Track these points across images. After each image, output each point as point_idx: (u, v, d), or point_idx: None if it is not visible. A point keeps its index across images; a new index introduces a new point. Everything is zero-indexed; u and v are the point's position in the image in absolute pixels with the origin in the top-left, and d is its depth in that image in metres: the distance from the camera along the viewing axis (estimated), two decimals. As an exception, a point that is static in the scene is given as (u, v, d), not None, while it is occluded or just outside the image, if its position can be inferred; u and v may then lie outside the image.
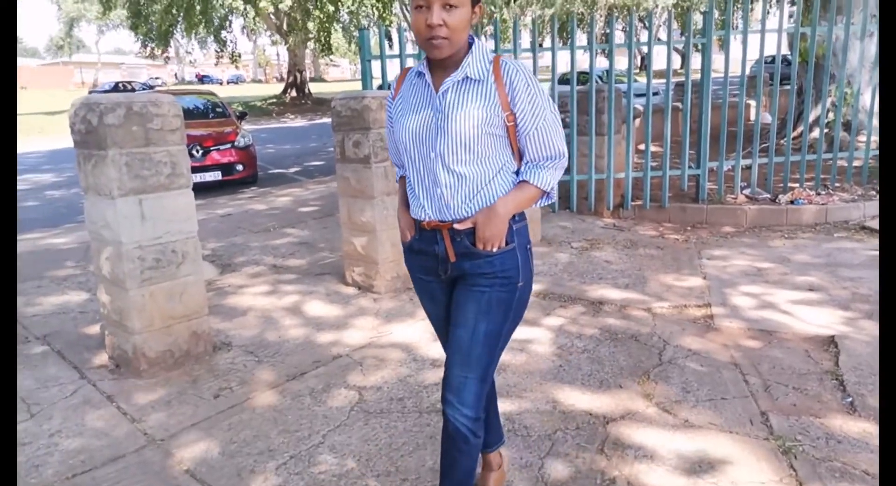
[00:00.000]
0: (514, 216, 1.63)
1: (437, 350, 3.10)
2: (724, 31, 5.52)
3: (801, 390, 2.71)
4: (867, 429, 2.39)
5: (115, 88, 32.07)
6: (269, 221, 6.31)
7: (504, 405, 2.62)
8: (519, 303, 1.68)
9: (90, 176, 2.85)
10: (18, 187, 9.74)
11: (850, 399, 2.61)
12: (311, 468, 2.23)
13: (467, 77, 1.56)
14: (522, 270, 1.65)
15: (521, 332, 3.38)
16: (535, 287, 4.04)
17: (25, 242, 5.63)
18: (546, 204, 1.75)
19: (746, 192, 5.93)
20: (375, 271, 4.03)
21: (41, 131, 21.07)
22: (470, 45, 1.58)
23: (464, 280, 1.65)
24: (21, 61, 67.17)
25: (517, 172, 1.66)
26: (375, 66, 5.93)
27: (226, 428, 2.50)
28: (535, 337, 3.32)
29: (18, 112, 25.98)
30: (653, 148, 6.71)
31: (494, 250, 1.60)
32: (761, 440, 2.34)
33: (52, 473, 2.23)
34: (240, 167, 8.61)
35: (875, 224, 5.21)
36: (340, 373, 2.96)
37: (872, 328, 3.25)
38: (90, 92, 33.28)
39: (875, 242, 4.83)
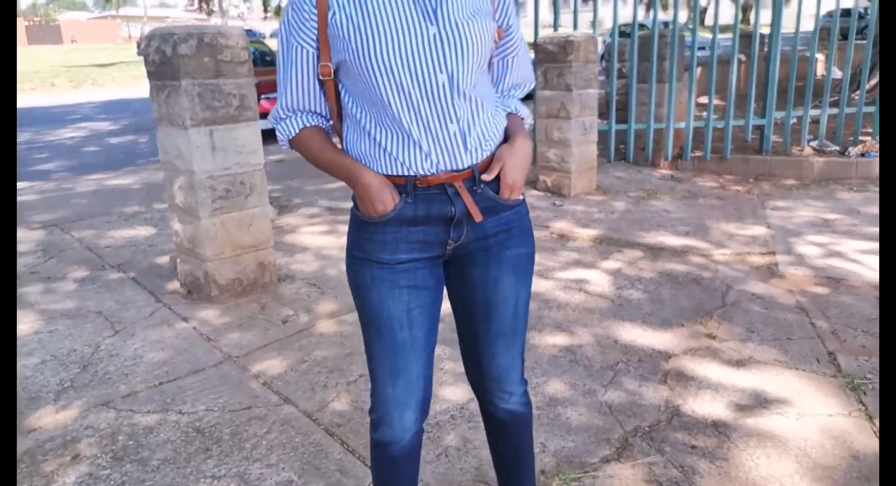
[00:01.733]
0: None
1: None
2: None
3: (870, 333, 2.65)
4: (942, 372, 2.33)
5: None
6: (322, 166, 6.38)
7: (564, 339, 2.65)
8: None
9: (163, 106, 2.93)
10: (78, 134, 10.07)
11: (923, 344, 2.55)
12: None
13: None
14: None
15: (577, 272, 3.39)
16: (591, 232, 4.02)
17: (91, 182, 5.85)
18: None
19: (814, 144, 5.71)
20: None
21: (94, 82, 21.54)
22: None
23: (484, 249, 1.27)
24: (71, 15, 68.55)
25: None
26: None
27: (296, 349, 2.61)
28: (592, 278, 3.32)
29: (71, 64, 26.68)
30: (716, 101, 6.48)
31: (521, 196, 1.28)
32: (828, 377, 2.32)
33: (139, 380, 2.38)
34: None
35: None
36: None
37: (948, 278, 3.14)
38: (138, 44, 33.75)
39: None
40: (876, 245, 3.67)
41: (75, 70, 24.09)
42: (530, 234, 1.32)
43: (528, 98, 1.60)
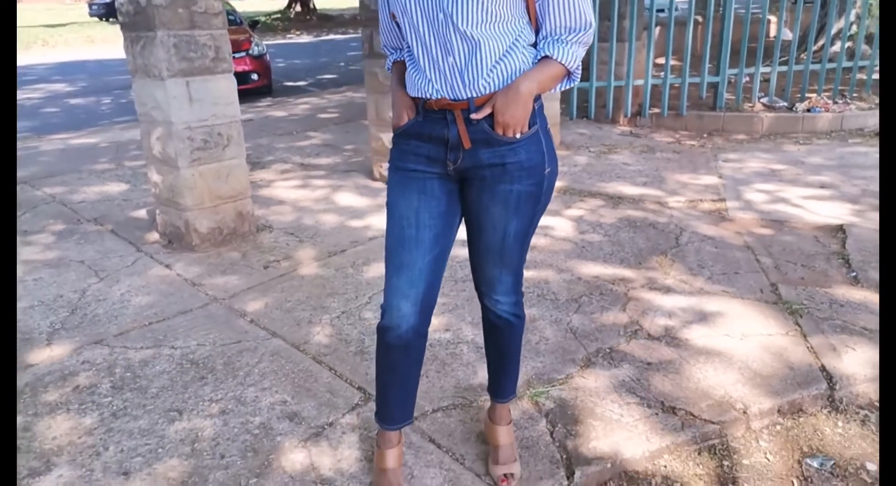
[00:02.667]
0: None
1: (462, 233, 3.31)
2: None
3: (809, 267, 2.92)
4: (868, 296, 2.60)
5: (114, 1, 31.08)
6: (290, 125, 6.41)
7: (532, 274, 2.84)
8: (547, 192, 1.48)
9: (139, 58, 2.96)
10: (35, 96, 9.77)
11: (853, 274, 2.82)
12: (360, 320, 2.47)
13: None
14: (548, 154, 1.44)
15: (543, 220, 3.57)
16: (556, 185, 4.20)
17: (56, 141, 5.78)
18: (568, 86, 1.47)
19: (764, 100, 5.97)
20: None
21: (45, 43, 20.66)
22: None
23: (480, 177, 1.42)
24: (13, -27, 64.69)
25: (534, 46, 1.40)
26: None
27: (279, 290, 2.74)
28: (556, 225, 3.51)
29: (20, 25, 25.41)
30: (672, 61, 6.67)
31: (518, 135, 1.37)
32: (770, 304, 2.57)
33: (129, 321, 2.49)
34: (255, 76, 8.59)
35: (890, 132, 5.30)
36: (377, 250, 3.17)
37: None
38: (90, 5, 32.27)
39: (888, 147, 4.95)
40: (817, 191, 3.95)
41: (24, 30, 22.98)
42: (531, 174, 1.42)
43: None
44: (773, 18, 10.42)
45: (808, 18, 10.01)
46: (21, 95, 9.96)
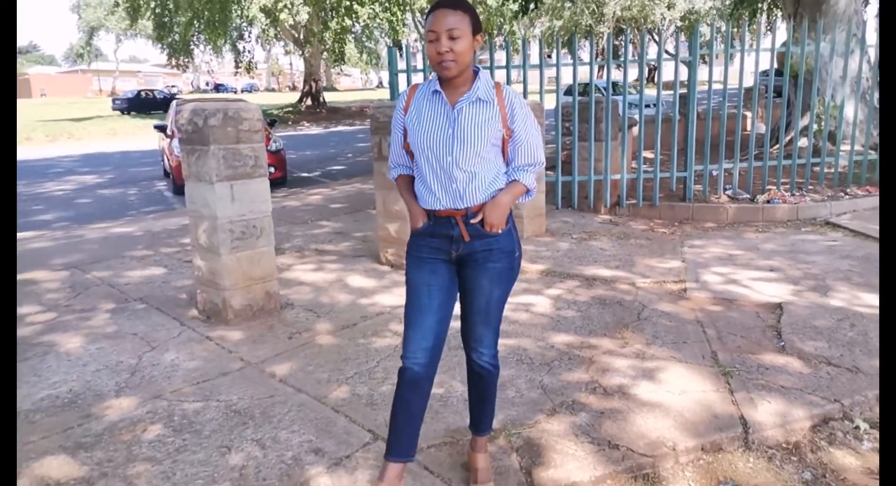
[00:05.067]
0: None
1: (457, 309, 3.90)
2: (724, 47, 6.32)
3: (746, 337, 3.47)
4: (790, 362, 3.14)
5: (138, 95, 33.17)
6: (305, 215, 7.13)
7: (512, 342, 3.40)
8: (517, 267, 2.11)
9: (193, 166, 3.67)
10: (67, 187, 10.63)
11: (782, 343, 3.38)
12: (370, 379, 3.02)
13: (479, 98, 1.96)
14: (517, 243, 2.10)
15: (525, 298, 4.16)
16: (539, 267, 4.83)
17: (97, 230, 6.48)
18: (528, 199, 2.15)
19: (729, 192, 6.70)
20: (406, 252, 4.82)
21: (70, 136, 22.05)
22: (476, 73, 1.99)
23: (474, 259, 2.02)
24: (40, 69, 68.78)
25: (506, 174, 2.07)
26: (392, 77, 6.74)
27: (302, 357, 3.29)
28: (537, 302, 4.10)
29: (46, 118, 27.10)
30: (649, 154, 7.48)
31: (500, 231, 2.02)
32: (708, 367, 3.11)
33: (180, 381, 3.03)
34: (272, 169, 9.44)
35: (837, 220, 5.97)
36: (384, 323, 3.75)
37: (814, 297, 4.01)
38: (113, 100, 34.38)
39: (834, 234, 5.60)
40: (765, 274, 4.55)
41: (51, 124, 24.52)
42: (509, 256, 2.06)
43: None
44: (748, 114, 11.47)
45: (777, 113, 11.03)
46: (54, 186, 10.85)
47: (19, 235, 6.45)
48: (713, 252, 5.18)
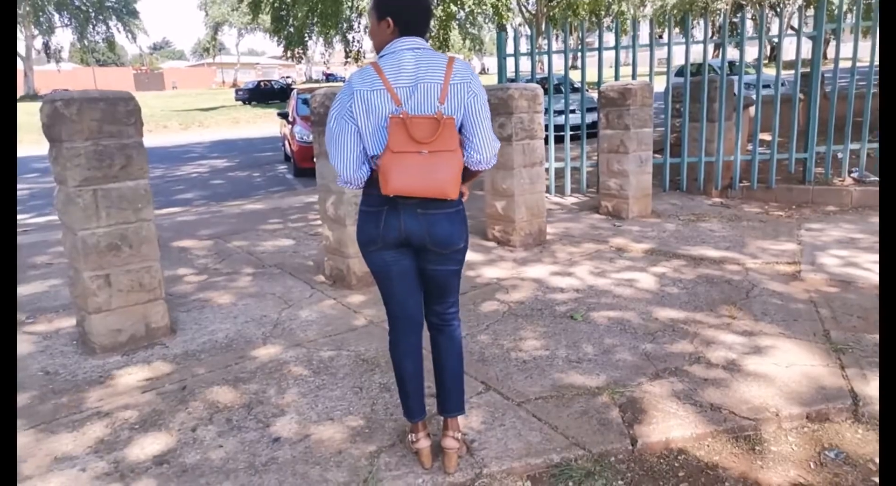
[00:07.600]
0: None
1: (560, 281, 4.07)
2: (855, 19, 6.00)
3: (864, 318, 3.40)
4: (909, 342, 3.07)
5: (258, 86, 35.43)
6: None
7: (616, 315, 3.53)
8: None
9: (322, 145, 4.06)
10: (202, 170, 11.71)
11: (902, 324, 3.28)
12: (476, 337, 3.27)
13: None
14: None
15: (629, 274, 4.26)
16: (644, 246, 4.88)
17: (233, 206, 7.21)
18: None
19: (855, 175, 6.35)
20: (512, 228, 5.04)
21: (200, 124, 23.98)
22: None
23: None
24: (172, 63, 74.89)
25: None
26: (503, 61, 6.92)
27: (419, 318, 3.60)
28: (641, 279, 4.18)
29: (177, 108, 29.58)
30: (765, 136, 7.21)
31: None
32: (818, 344, 3.10)
33: (315, 333, 3.44)
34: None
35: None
36: (491, 292, 3.99)
37: (942, 282, 3.82)
38: (236, 90, 36.89)
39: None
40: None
41: (183, 114, 26.77)
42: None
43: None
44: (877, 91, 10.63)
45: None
46: (191, 169, 11.97)
47: (168, 210, 7.29)
48: (833, 235, 4.99)
